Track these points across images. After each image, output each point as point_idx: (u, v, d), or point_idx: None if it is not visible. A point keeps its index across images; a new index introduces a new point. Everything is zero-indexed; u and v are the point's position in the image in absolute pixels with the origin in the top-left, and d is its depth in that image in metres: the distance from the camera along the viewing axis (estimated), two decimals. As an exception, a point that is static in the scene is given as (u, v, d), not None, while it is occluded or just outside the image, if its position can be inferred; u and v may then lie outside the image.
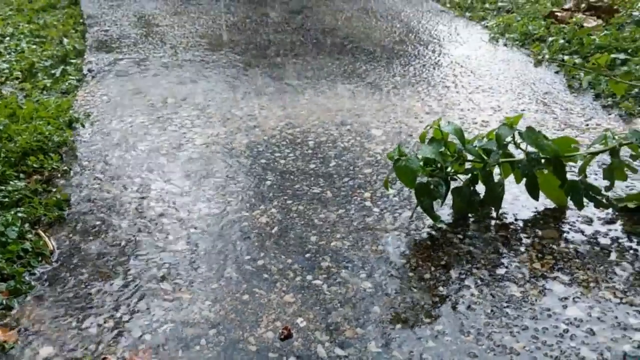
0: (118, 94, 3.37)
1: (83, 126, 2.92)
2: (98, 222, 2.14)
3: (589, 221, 2.07)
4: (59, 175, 2.47)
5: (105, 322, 1.68)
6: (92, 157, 2.62)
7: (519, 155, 2.07)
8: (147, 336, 1.63)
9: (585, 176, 2.03)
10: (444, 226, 2.08)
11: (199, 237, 2.05)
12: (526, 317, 1.65)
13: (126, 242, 2.03)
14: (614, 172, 1.97)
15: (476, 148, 2.03)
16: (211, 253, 1.97)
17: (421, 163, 2.00)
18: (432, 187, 1.94)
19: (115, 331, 1.64)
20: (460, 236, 2.03)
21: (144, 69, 3.78)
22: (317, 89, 3.40)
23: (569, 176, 2.06)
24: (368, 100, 3.21)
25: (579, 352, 1.53)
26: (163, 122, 2.97)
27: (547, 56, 3.76)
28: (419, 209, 2.10)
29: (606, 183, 2.06)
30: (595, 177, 2.29)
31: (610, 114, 2.93)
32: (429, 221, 2.10)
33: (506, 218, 2.11)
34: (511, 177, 2.15)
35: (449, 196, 2.09)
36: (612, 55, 2.05)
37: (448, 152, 2.06)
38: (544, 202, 2.18)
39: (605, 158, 2.06)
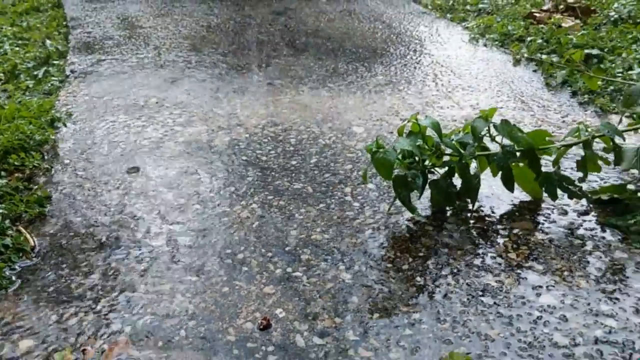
0: (100, 93, 3.37)
1: (65, 125, 2.93)
2: (79, 219, 2.15)
3: (564, 213, 2.11)
4: (41, 173, 2.48)
5: (85, 315, 1.69)
6: (74, 155, 2.63)
7: (495, 149, 2.11)
8: (127, 328, 1.64)
9: (559, 168, 2.07)
10: (422, 219, 2.11)
11: (180, 232, 2.06)
12: (501, 305, 1.69)
13: (107, 237, 2.04)
14: (587, 164, 2.01)
15: (453, 141, 2.07)
16: (191, 247, 1.98)
17: (399, 156, 2.03)
18: (409, 179, 1.97)
19: (95, 324, 1.65)
20: (438, 228, 2.06)
21: (127, 70, 3.79)
22: (299, 88, 3.42)
23: (544, 169, 2.09)
24: (349, 99, 3.25)
25: (552, 337, 1.56)
26: (145, 120, 2.98)
27: (525, 55, 3.82)
28: (397, 202, 2.13)
29: (580, 175, 2.10)
30: (571, 172, 2.33)
31: (586, 111, 2.98)
32: (407, 214, 2.13)
33: (483, 210, 2.15)
34: (488, 171, 2.19)
35: (428, 190, 2.12)
36: (586, 51, 2.10)
37: (426, 146, 2.09)
38: (520, 195, 2.22)
39: (582, 152, 2.10)
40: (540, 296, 1.71)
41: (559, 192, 2.08)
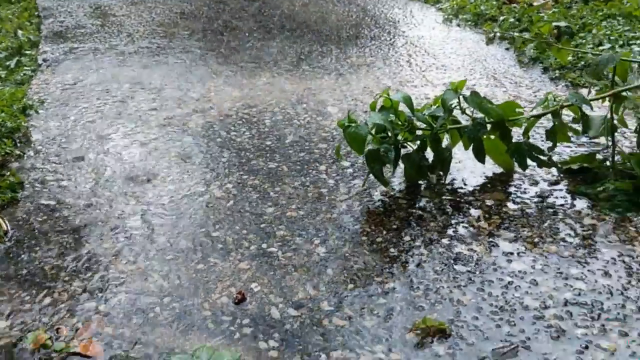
0: (73, 81, 3.34)
1: (37, 112, 2.90)
2: (52, 202, 2.14)
3: (535, 183, 2.14)
4: (13, 159, 2.45)
5: (59, 296, 1.68)
6: (47, 141, 2.61)
7: (466, 122, 2.13)
8: (102, 306, 1.63)
9: (529, 138, 2.10)
10: (396, 193, 2.13)
11: (154, 213, 2.06)
12: (473, 272, 1.71)
13: (80, 220, 2.03)
14: (556, 133, 2.04)
15: (425, 116, 2.08)
16: (166, 227, 1.98)
17: (372, 131, 2.04)
18: (381, 152, 1.98)
19: (69, 304, 1.65)
20: (412, 202, 2.08)
21: (100, 57, 3.75)
22: (273, 71, 3.42)
23: (515, 141, 2.12)
24: (324, 81, 3.25)
25: (523, 301, 1.59)
26: (118, 106, 2.96)
27: (498, 34, 3.84)
28: (371, 178, 2.14)
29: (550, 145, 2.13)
30: (542, 144, 2.36)
31: (557, 85, 3.02)
32: (381, 189, 2.14)
33: (455, 184, 2.17)
34: (460, 146, 2.21)
35: (402, 167, 2.14)
36: (554, 24, 2.12)
37: (399, 122, 2.10)
38: (492, 168, 2.24)
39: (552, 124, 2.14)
40: (511, 262, 1.74)
41: (529, 163, 2.11)
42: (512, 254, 1.77)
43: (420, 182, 2.19)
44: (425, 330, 1.50)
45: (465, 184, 2.17)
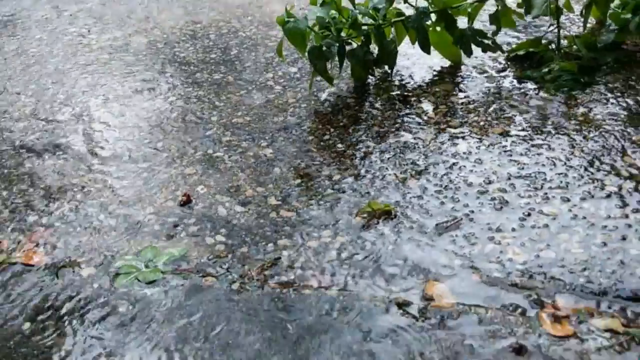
0: (10, 12, 3.19)
1: (-28, 45, 2.78)
2: (-9, 128, 2.07)
3: (482, 72, 2.12)
4: (-53, 91, 2.35)
5: (0, 214, 1.64)
6: (-17, 71, 2.50)
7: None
8: (45, 219, 1.60)
9: (472, 23, 2.06)
10: (344, 93, 2.10)
11: (96, 130, 2.00)
12: (418, 157, 1.70)
13: (22, 142, 1.97)
14: (500, 17, 2.00)
15: (369, 10, 2.03)
16: (109, 142, 1.93)
17: (316, 28, 1.98)
18: (324, 48, 1.93)
19: (11, 219, 1.61)
20: (360, 99, 2.05)
21: (37, -12, 3.58)
22: (219, -12, 3.30)
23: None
24: (271, -6, 3.15)
25: (467, 178, 1.59)
26: (57, 33, 2.84)
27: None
28: (318, 80, 2.10)
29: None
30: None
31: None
32: (329, 90, 2.11)
33: (403, 79, 2.14)
34: (408, 44, 2.15)
35: (349, 65, 2.10)
36: None
37: (342, 19, 2.04)
38: (440, 62, 2.21)
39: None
40: (456, 145, 1.73)
41: (475, 51, 2.08)
42: (457, 137, 1.77)
43: (369, 80, 2.15)
44: (371, 214, 1.50)
45: (413, 79, 2.14)
